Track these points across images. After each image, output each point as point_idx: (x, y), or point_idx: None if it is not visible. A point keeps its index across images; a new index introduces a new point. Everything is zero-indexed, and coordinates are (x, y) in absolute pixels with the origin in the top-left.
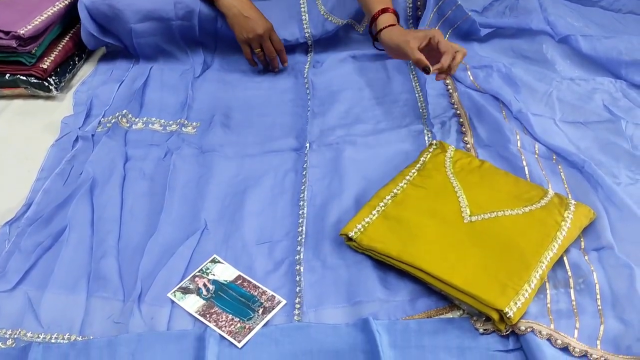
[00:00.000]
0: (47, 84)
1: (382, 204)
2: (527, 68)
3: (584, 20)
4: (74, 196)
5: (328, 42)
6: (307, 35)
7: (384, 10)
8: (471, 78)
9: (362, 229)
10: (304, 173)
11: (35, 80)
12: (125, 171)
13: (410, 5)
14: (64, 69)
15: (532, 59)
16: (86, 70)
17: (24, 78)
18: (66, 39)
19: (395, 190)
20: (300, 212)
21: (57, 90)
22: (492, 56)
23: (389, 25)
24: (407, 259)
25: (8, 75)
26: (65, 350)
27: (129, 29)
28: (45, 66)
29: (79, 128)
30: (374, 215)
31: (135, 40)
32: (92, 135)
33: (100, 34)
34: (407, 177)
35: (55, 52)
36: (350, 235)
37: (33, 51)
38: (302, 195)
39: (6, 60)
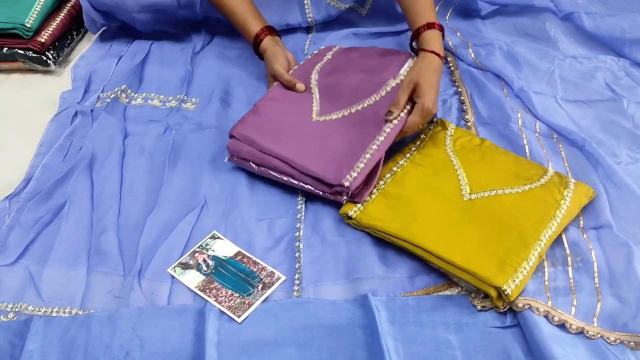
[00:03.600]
0: (45, 58)
1: (381, 182)
2: (530, 46)
3: None
4: (74, 171)
5: (330, 22)
6: (309, 20)
7: (429, 26)
8: (472, 56)
9: (361, 208)
10: None
11: (33, 54)
12: (125, 147)
13: None
14: (62, 43)
15: (535, 36)
16: (85, 45)
17: (22, 52)
18: (64, 12)
19: (395, 169)
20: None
21: (55, 65)
22: (495, 34)
23: (430, 51)
24: (406, 236)
25: (6, 48)
26: (67, 324)
27: (131, 17)
28: (43, 40)
29: (78, 103)
30: (373, 193)
31: (138, 26)
32: (91, 110)
33: (102, 19)
34: (407, 155)
35: (53, 26)
36: (349, 215)
37: (28, 25)
38: None
39: (3, 33)
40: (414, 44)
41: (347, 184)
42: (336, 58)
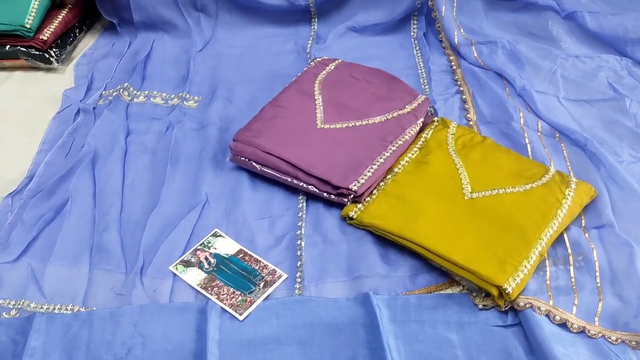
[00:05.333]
0: (47, 55)
1: (382, 182)
2: (532, 45)
3: None
4: (76, 169)
5: (331, 5)
6: None
7: None
8: (475, 54)
9: (362, 208)
10: None
11: (35, 52)
12: (127, 145)
13: None
14: (65, 41)
15: (537, 35)
16: (87, 43)
17: (25, 49)
18: (66, 10)
19: (396, 170)
20: None
21: (57, 62)
22: (497, 32)
23: None
24: (407, 235)
25: (8, 46)
26: (69, 321)
27: None
28: (45, 37)
29: (80, 101)
30: (374, 194)
31: (133, 2)
32: (94, 108)
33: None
34: (409, 155)
35: (55, 24)
36: (350, 215)
37: (28, 25)
38: None
39: (6, 32)
40: None
41: (355, 188)
42: (339, 71)
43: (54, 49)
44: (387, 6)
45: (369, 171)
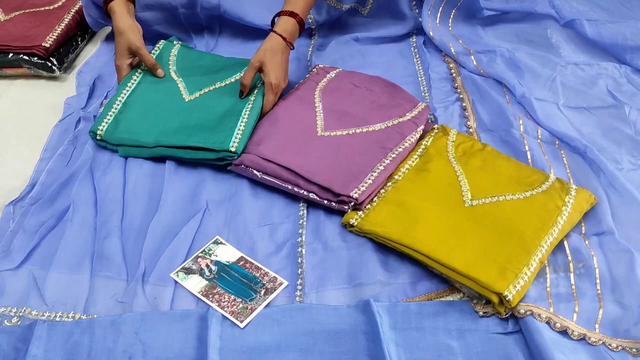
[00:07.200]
0: (50, 64)
1: (382, 190)
2: (531, 53)
3: (590, 5)
4: (77, 176)
5: (332, 25)
6: (310, 21)
7: (290, 14)
8: (475, 63)
9: (362, 215)
10: None
11: (38, 60)
12: None
13: None
14: (67, 49)
15: (537, 43)
16: (89, 51)
17: (27, 58)
18: (68, 17)
19: (396, 177)
20: None
21: (60, 71)
22: (496, 41)
23: (277, 33)
24: (407, 242)
25: (11, 54)
26: (70, 329)
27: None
28: (47, 45)
29: (82, 109)
30: (374, 201)
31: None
32: (95, 116)
33: (102, 19)
34: (410, 162)
35: (57, 32)
36: (351, 223)
37: (233, 149)
38: None
39: (209, 159)
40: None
41: (355, 195)
42: (339, 79)
43: (56, 57)
44: (390, 27)
45: (369, 178)
